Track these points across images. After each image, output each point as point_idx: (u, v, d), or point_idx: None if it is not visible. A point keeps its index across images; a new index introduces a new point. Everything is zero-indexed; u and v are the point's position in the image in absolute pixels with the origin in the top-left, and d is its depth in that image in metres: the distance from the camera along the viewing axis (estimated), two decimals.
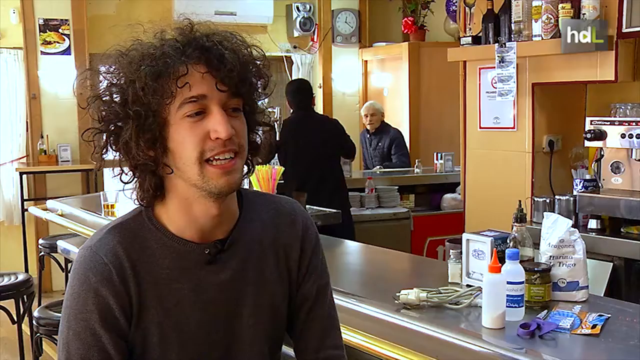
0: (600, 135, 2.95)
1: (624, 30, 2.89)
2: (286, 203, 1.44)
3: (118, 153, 1.26)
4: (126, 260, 1.24)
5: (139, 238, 1.27)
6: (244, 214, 1.35)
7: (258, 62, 1.28)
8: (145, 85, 1.18)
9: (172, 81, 1.18)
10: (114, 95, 1.23)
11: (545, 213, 1.98)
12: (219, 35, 1.24)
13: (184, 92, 1.19)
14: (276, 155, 4.67)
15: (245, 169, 1.33)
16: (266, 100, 1.33)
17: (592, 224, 2.96)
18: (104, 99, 1.24)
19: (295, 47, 7.23)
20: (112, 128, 1.25)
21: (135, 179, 1.27)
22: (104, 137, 1.26)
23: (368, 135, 6.16)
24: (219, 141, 1.20)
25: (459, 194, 4.65)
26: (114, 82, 1.23)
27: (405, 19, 6.95)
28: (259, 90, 1.30)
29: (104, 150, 1.27)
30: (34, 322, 3.25)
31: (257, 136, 1.33)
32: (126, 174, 1.28)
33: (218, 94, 1.20)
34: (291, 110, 4.87)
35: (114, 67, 1.23)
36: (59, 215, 3.87)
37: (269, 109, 1.36)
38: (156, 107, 1.19)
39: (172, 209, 1.28)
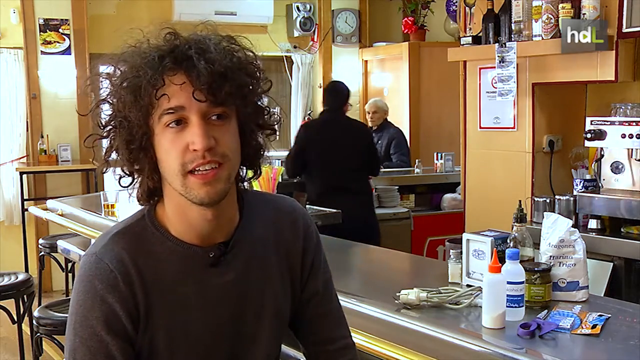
0: (601, 135, 2.95)
1: (624, 30, 2.89)
2: (285, 202, 1.44)
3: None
4: (132, 266, 1.24)
5: (144, 242, 1.27)
6: (245, 216, 1.34)
7: (251, 66, 1.25)
8: (125, 99, 1.20)
9: (151, 93, 1.18)
10: (113, 101, 1.24)
11: (545, 213, 1.98)
12: (203, 42, 1.21)
13: (163, 103, 1.18)
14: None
15: (251, 173, 1.34)
16: (265, 100, 1.32)
17: (592, 224, 2.96)
18: (105, 104, 1.25)
19: (295, 47, 7.23)
20: (110, 134, 1.26)
21: (134, 180, 1.28)
22: (108, 142, 1.27)
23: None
24: (198, 153, 1.18)
25: (459, 194, 4.65)
26: (110, 89, 1.24)
27: (406, 18, 6.95)
28: (255, 93, 1.27)
29: (107, 155, 1.27)
30: (34, 322, 3.24)
31: (256, 140, 1.31)
32: (126, 175, 1.29)
33: (196, 104, 1.18)
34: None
35: (114, 72, 1.24)
36: (59, 215, 3.87)
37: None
38: (138, 118, 1.20)
39: (170, 213, 1.28)
